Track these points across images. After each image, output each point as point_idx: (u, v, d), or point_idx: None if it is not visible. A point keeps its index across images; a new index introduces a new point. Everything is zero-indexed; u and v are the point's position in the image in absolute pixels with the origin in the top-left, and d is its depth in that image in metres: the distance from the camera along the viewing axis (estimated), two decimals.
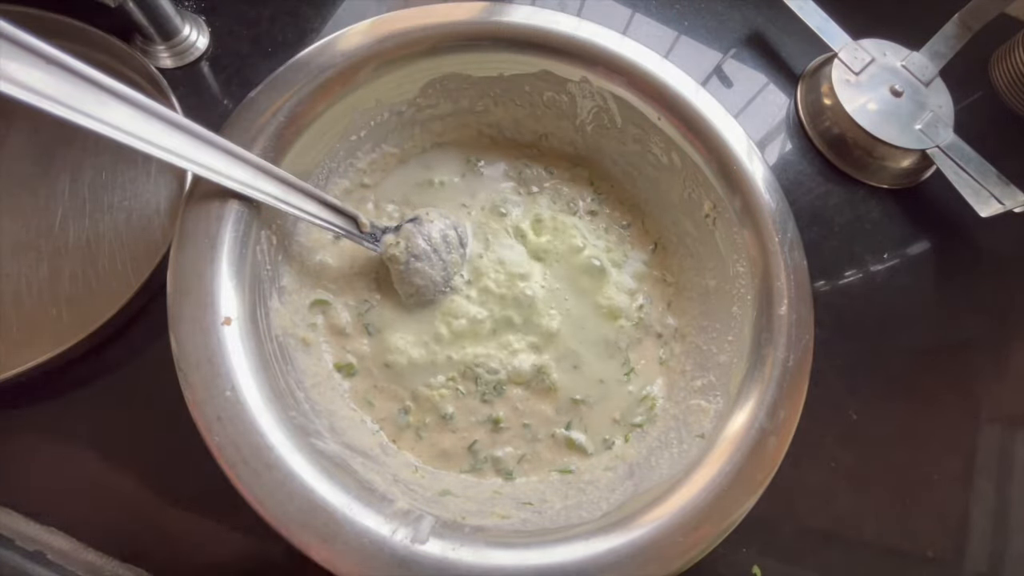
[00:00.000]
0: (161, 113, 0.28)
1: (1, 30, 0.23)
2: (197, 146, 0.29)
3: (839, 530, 0.40)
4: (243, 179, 0.31)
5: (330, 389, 0.36)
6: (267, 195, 0.32)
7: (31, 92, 0.23)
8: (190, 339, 0.28)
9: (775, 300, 0.35)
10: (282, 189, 0.32)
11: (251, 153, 0.31)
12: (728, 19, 0.56)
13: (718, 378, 0.36)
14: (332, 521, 0.26)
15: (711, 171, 0.38)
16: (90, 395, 0.36)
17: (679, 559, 0.29)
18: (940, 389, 0.45)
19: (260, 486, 0.26)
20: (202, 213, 0.31)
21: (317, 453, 0.28)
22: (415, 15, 0.38)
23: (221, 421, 0.27)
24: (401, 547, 0.26)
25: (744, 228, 0.37)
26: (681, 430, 0.35)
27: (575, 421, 0.38)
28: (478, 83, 0.41)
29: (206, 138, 0.29)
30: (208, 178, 0.29)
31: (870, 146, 0.49)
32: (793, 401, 0.33)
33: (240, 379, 0.28)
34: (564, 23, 0.39)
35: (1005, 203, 0.45)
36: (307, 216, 0.33)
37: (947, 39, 0.52)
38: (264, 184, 0.32)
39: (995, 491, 0.42)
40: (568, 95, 0.41)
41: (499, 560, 0.27)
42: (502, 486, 0.36)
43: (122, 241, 0.39)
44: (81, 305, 0.38)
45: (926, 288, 0.48)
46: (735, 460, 0.31)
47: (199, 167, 0.29)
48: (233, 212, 0.31)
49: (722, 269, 0.39)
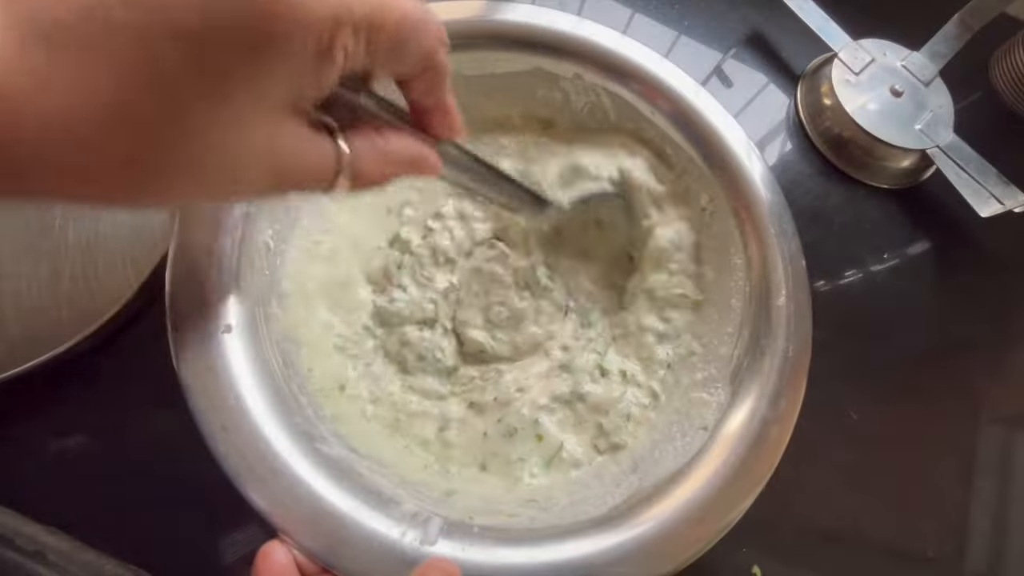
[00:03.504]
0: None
1: None
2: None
3: (839, 530, 0.40)
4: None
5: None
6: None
7: None
8: (191, 347, 0.28)
9: (773, 291, 0.35)
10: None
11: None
12: (728, 19, 0.56)
13: (719, 370, 0.36)
14: (341, 526, 0.26)
15: (706, 164, 0.38)
16: (90, 395, 0.36)
17: (686, 551, 0.29)
18: (940, 389, 0.45)
19: (267, 493, 0.26)
20: (199, 220, 0.31)
21: (323, 458, 0.28)
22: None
23: (226, 430, 0.27)
24: (411, 549, 0.26)
25: (741, 220, 0.37)
26: (684, 423, 0.35)
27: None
28: (470, 81, 0.41)
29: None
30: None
31: (870, 146, 0.49)
32: (794, 391, 0.33)
33: (243, 387, 0.28)
34: (563, 22, 0.39)
35: (1005, 203, 0.45)
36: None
37: (947, 39, 0.52)
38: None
39: (995, 491, 0.42)
40: (561, 91, 0.41)
41: (509, 558, 0.27)
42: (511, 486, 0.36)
43: (122, 241, 0.39)
44: (81, 305, 0.38)
45: (926, 288, 0.48)
46: (738, 451, 0.31)
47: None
48: (230, 218, 0.31)
49: (720, 261, 0.39)
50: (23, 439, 0.35)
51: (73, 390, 0.36)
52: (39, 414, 0.36)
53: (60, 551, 0.33)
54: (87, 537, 0.34)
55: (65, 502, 0.34)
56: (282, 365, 0.32)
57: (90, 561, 0.33)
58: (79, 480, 0.35)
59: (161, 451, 0.35)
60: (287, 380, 0.31)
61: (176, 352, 0.28)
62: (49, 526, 0.33)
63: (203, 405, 0.27)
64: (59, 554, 0.33)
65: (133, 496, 0.35)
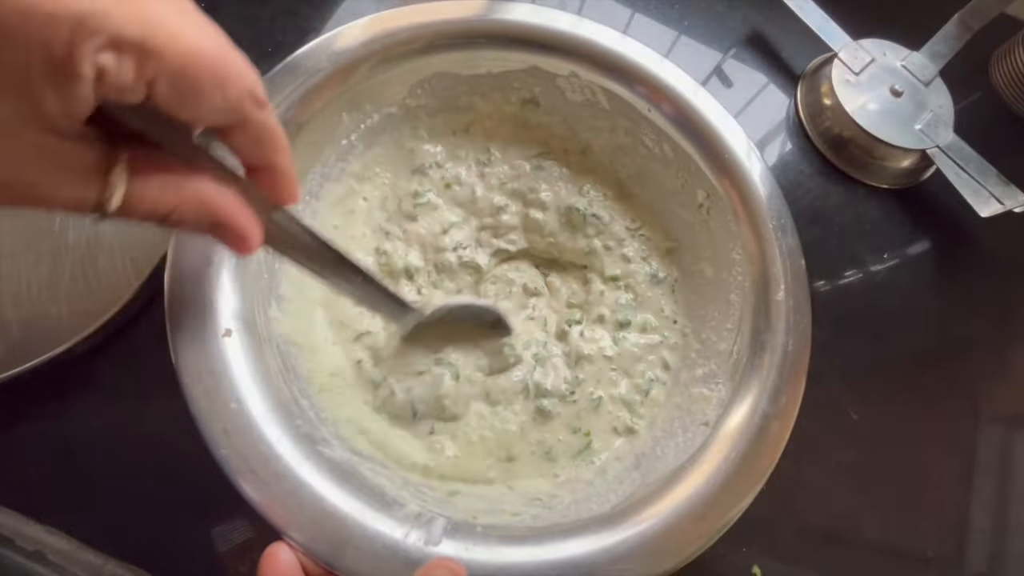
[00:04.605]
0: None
1: None
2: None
3: (839, 530, 0.40)
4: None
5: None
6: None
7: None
8: (191, 351, 0.28)
9: (772, 286, 0.35)
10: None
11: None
12: (728, 19, 0.56)
13: (719, 366, 0.36)
14: (344, 527, 0.26)
15: (703, 160, 0.38)
16: (90, 395, 0.36)
17: (689, 548, 0.29)
18: (940, 389, 0.45)
19: (271, 496, 0.26)
20: None
21: (325, 460, 0.28)
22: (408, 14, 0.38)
23: (227, 433, 0.27)
24: (415, 550, 0.26)
25: (738, 216, 0.37)
26: (685, 419, 0.35)
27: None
28: (466, 81, 0.41)
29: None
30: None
31: (870, 146, 0.49)
32: (794, 386, 0.33)
33: (244, 390, 0.28)
34: (563, 21, 0.39)
35: (1005, 203, 0.45)
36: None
37: (947, 39, 0.52)
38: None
39: (995, 491, 0.42)
40: (557, 89, 0.41)
41: (513, 557, 0.27)
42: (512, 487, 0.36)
43: (122, 241, 0.39)
44: (81, 305, 0.37)
45: (926, 288, 0.48)
46: (739, 447, 0.31)
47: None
48: None
49: (719, 257, 0.39)
50: (23, 439, 0.35)
51: (73, 390, 0.36)
52: (39, 414, 0.36)
53: (60, 551, 0.33)
54: (87, 537, 0.34)
55: (65, 502, 0.34)
56: (282, 368, 0.32)
57: (90, 561, 0.33)
58: (79, 480, 0.35)
59: (161, 451, 0.35)
60: (288, 383, 0.31)
61: (177, 356, 0.28)
62: (49, 526, 0.33)
63: (204, 409, 0.27)
64: (59, 554, 0.33)
65: (133, 496, 0.35)
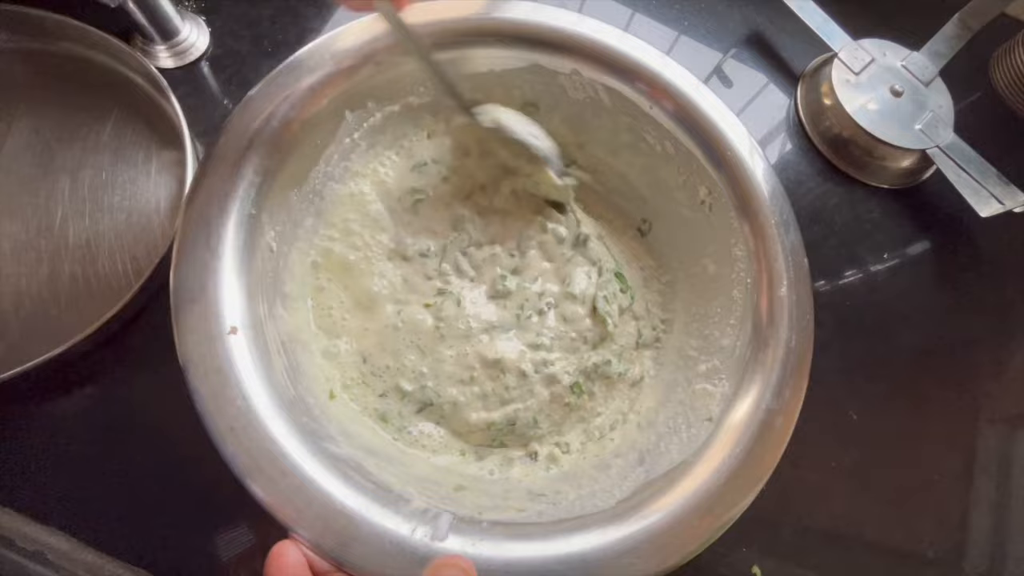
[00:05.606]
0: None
1: None
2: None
3: (839, 530, 0.40)
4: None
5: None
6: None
7: None
8: (197, 350, 0.28)
9: (775, 282, 0.35)
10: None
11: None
12: (728, 19, 0.56)
13: (722, 362, 0.36)
14: (351, 523, 0.26)
15: (705, 156, 0.38)
16: (90, 395, 0.36)
17: (694, 542, 0.29)
18: (940, 389, 0.45)
19: (277, 493, 0.26)
20: (202, 221, 0.31)
21: (331, 457, 0.28)
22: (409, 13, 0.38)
23: (234, 431, 0.27)
24: (422, 545, 0.27)
25: (740, 212, 0.37)
26: (689, 415, 0.35)
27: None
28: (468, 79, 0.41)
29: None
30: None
31: (870, 146, 0.49)
32: (797, 381, 0.33)
33: (250, 388, 0.28)
34: (564, 19, 0.39)
35: (1005, 203, 0.45)
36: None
37: (947, 39, 0.52)
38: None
39: (995, 491, 0.42)
40: (559, 87, 0.41)
41: (519, 552, 0.27)
42: (517, 480, 0.36)
43: (122, 241, 0.39)
44: (81, 305, 0.38)
45: (926, 288, 0.48)
46: (743, 442, 0.31)
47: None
48: (233, 220, 0.31)
49: (721, 254, 0.39)
50: (23, 439, 0.35)
51: (73, 390, 0.36)
52: (39, 414, 0.36)
53: (60, 551, 0.33)
54: (87, 537, 0.34)
55: (65, 502, 0.34)
56: (288, 366, 0.32)
57: (90, 561, 0.33)
58: (79, 480, 0.35)
59: (161, 452, 0.35)
60: (293, 381, 0.31)
61: (182, 355, 0.28)
62: (49, 526, 0.34)
63: (211, 407, 0.27)
64: (59, 554, 0.33)
65: (134, 496, 0.35)
